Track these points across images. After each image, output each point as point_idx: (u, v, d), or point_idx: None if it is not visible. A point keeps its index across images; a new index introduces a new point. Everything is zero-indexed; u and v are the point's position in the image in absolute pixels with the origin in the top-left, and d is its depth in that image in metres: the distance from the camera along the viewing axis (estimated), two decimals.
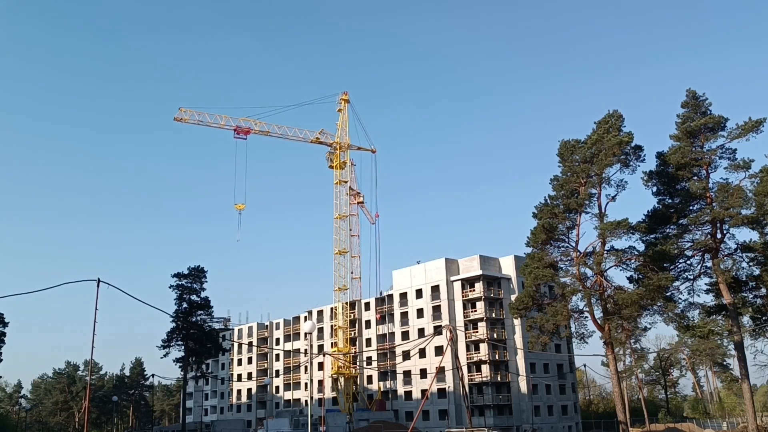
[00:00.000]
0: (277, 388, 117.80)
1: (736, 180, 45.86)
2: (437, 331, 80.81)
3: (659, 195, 48.72)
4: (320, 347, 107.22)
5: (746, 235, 74.43)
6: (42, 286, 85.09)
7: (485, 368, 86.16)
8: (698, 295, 53.54)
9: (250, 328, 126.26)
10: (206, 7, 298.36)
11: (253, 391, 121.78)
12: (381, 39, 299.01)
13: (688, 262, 48.54)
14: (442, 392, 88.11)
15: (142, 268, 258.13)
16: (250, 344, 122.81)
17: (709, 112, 47.38)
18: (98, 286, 27.64)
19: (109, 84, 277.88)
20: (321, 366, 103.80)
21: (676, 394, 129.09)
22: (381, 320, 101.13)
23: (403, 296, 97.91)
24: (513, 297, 78.90)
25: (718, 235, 46.35)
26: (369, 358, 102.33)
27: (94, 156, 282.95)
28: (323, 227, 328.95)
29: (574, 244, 47.61)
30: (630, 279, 47.35)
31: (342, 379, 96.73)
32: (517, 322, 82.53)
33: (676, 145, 47.73)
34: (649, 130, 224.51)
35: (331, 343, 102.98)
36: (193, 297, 75.82)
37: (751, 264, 46.47)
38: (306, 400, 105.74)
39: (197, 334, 74.85)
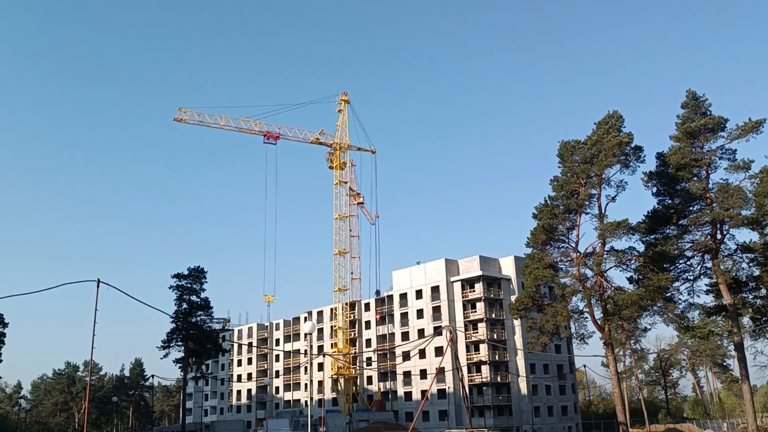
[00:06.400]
0: (277, 388, 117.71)
1: (736, 181, 46.04)
2: (437, 331, 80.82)
3: (659, 196, 48.81)
4: (320, 348, 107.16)
5: (746, 235, 74.47)
6: (42, 286, 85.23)
7: (485, 369, 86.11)
8: (698, 296, 53.70)
9: (250, 329, 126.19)
10: (204, 7, 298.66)
11: (253, 391, 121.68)
12: (381, 39, 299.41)
13: (688, 262, 48.67)
14: (442, 393, 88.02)
15: (142, 268, 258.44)
16: (250, 345, 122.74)
17: (709, 113, 47.48)
18: (98, 286, 27.59)
19: (108, 83, 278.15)
20: (321, 367, 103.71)
21: (676, 394, 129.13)
22: (381, 321, 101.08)
23: (403, 297, 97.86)
24: (513, 298, 78.84)
25: (718, 236, 46.41)
26: (369, 359, 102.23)
27: (94, 156, 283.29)
28: (323, 228, 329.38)
29: (574, 245, 47.68)
30: (630, 280, 47.43)
31: (342, 380, 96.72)
32: (517, 322, 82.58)
33: (676, 146, 47.82)
34: (649, 130, 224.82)
35: (331, 344, 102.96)
36: (193, 297, 75.73)
37: (751, 265, 46.55)
38: (306, 401, 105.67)
39: (197, 335, 74.79)
